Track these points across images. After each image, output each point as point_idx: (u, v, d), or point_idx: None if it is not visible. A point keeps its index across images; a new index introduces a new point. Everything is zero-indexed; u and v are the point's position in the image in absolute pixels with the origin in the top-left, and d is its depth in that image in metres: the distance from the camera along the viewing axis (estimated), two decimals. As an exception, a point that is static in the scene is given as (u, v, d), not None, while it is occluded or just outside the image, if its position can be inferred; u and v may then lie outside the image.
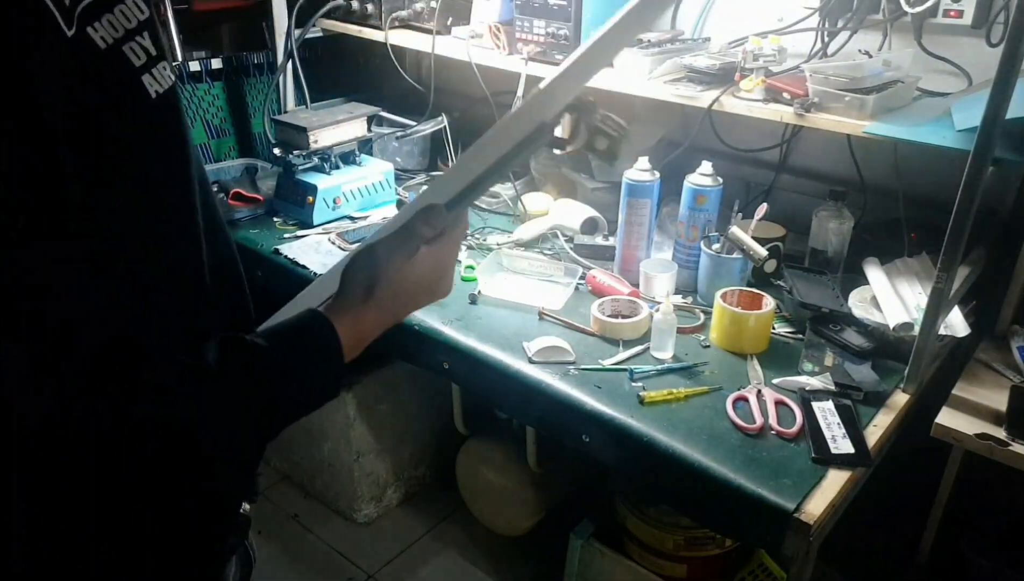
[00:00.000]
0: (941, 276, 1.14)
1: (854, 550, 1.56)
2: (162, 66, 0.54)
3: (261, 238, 1.68)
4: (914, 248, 1.46)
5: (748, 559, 1.56)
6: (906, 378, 1.25)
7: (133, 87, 0.52)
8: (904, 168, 1.53)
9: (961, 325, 1.30)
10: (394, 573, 1.92)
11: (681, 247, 1.56)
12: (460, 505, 2.01)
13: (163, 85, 0.54)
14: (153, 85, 0.53)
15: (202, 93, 2.05)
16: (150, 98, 0.53)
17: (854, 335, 1.27)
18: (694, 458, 1.10)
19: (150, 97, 0.53)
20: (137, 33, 0.52)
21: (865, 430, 1.16)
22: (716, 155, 1.65)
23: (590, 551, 1.59)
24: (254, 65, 2.13)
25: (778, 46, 1.41)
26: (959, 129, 1.17)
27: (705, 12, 1.72)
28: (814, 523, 1.00)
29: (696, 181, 1.49)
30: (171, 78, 0.55)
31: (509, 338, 1.37)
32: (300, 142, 1.78)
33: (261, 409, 0.60)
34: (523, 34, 1.64)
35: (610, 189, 1.77)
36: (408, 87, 1.95)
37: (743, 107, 1.40)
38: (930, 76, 1.43)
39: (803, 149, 1.73)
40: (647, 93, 1.52)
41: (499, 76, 1.75)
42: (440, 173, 2.01)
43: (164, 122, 0.55)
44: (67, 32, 0.47)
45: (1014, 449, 1.17)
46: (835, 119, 1.30)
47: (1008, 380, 1.33)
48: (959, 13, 1.36)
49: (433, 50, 1.79)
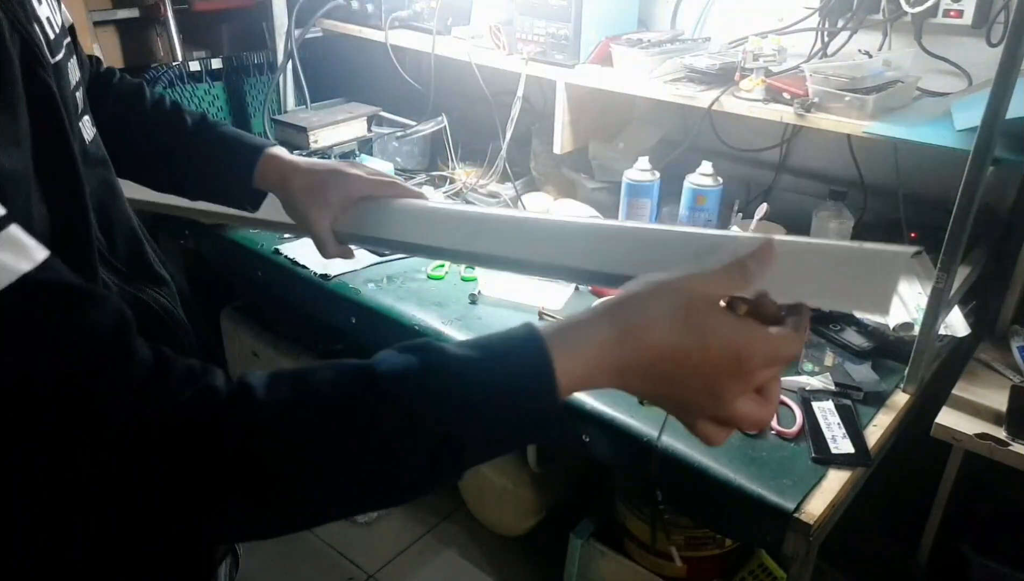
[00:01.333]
0: (941, 276, 1.14)
1: (854, 550, 1.56)
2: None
3: (261, 238, 1.68)
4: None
5: (748, 559, 1.56)
6: (906, 378, 1.25)
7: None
8: (904, 168, 1.53)
9: (961, 325, 1.30)
10: (394, 573, 1.93)
11: (681, 247, 1.56)
12: (460, 505, 2.01)
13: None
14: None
15: (202, 93, 2.05)
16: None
17: (854, 335, 1.27)
18: (694, 458, 1.10)
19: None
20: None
21: (865, 430, 1.16)
22: (716, 155, 1.65)
23: (590, 551, 1.59)
24: (254, 65, 2.13)
25: (778, 46, 1.41)
26: (959, 129, 1.17)
27: (705, 12, 1.72)
28: (814, 523, 1.00)
29: (696, 181, 1.49)
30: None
31: (509, 338, 1.37)
32: (300, 142, 1.78)
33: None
34: (523, 34, 1.64)
35: (610, 189, 1.77)
36: (408, 87, 1.95)
37: (743, 107, 1.40)
38: (930, 76, 1.43)
39: (803, 149, 1.73)
40: (647, 93, 1.52)
41: (499, 76, 1.75)
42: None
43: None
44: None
45: (1014, 449, 1.17)
46: (835, 119, 1.30)
47: (1008, 380, 1.33)
48: (959, 13, 1.36)
49: (433, 50, 1.79)
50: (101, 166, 0.66)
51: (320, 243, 0.88)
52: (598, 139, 1.80)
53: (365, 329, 1.51)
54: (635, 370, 0.52)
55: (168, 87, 1.96)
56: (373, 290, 1.51)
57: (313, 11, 1.98)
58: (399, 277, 1.55)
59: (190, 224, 1.78)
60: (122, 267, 0.65)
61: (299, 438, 0.48)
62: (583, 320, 0.53)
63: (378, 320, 1.47)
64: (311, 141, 1.77)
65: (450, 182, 1.99)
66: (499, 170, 1.89)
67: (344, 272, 1.55)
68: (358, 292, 1.51)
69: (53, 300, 0.44)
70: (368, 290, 1.51)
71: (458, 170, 2.00)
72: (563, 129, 1.69)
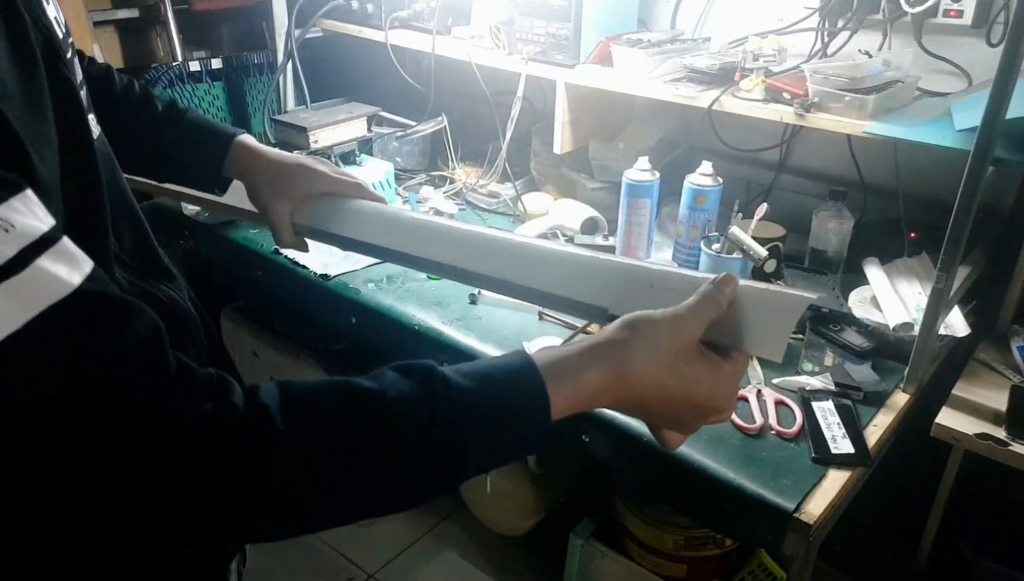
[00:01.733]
0: (941, 276, 1.14)
1: (854, 550, 1.56)
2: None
3: (261, 238, 1.68)
4: (914, 248, 1.46)
5: (748, 559, 1.56)
6: (906, 378, 1.25)
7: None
8: (904, 168, 1.53)
9: (961, 325, 1.30)
10: (394, 573, 1.93)
11: (681, 247, 1.56)
12: (460, 505, 2.01)
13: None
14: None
15: (202, 93, 2.05)
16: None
17: (854, 335, 1.27)
18: (694, 458, 1.10)
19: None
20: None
21: (865, 430, 1.16)
22: (716, 155, 1.65)
23: (590, 551, 1.59)
24: (254, 65, 2.13)
25: (778, 46, 1.41)
26: (959, 129, 1.17)
27: (705, 12, 1.72)
28: (814, 523, 1.00)
29: (696, 181, 1.49)
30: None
31: (509, 338, 1.37)
32: (300, 142, 1.78)
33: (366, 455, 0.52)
34: (523, 34, 1.64)
35: (610, 189, 1.77)
36: (408, 87, 1.95)
37: (743, 107, 1.40)
38: (930, 76, 1.43)
39: (803, 149, 1.73)
40: (647, 93, 1.52)
41: (499, 76, 1.75)
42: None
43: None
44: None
45: (1014, 449, 1.17)
46: (835, 119, 1.30)
47: (1008, 380, 1.33)
48: (959, 13, 1.36)
49: (433, 50, 1.79)
50: (108, 162, 0.67)
51: (277, 232, 0.93)
52: (598, 139, 1.80)
53: (365, 329, 1.51)
54: (621, 404, 0.60)
55: (168, 87, 1.96)
56: (373, 290, 1.51)
57: (313, 11, 1.98)
58: (399, 277, 1.55)
59: (190, 224, 1.78)
60: (132, 262, 0.66)
61: (310, 458, 0.50)
62: (579, 360, 0.58)
63: (378, 320, 1.47)
64: (311, 141, 1.77)
65: (450, 182, 1.99)
66: (499, 170, 1.89)
67: (344, 272, 1.55)
68: (358, 292, 1.51)
69: (100, 312, 0.45)
70: (368, 290, 1.51)
71: (458, 170, 2.00)
72: (563, 129, 1.69)
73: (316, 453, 0.50)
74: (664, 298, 0.64)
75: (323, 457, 0.50)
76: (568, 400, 0.56)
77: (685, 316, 0.60)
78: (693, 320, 0.60)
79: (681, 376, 0.58)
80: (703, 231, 1.50)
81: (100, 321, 0.45)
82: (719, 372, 0.60)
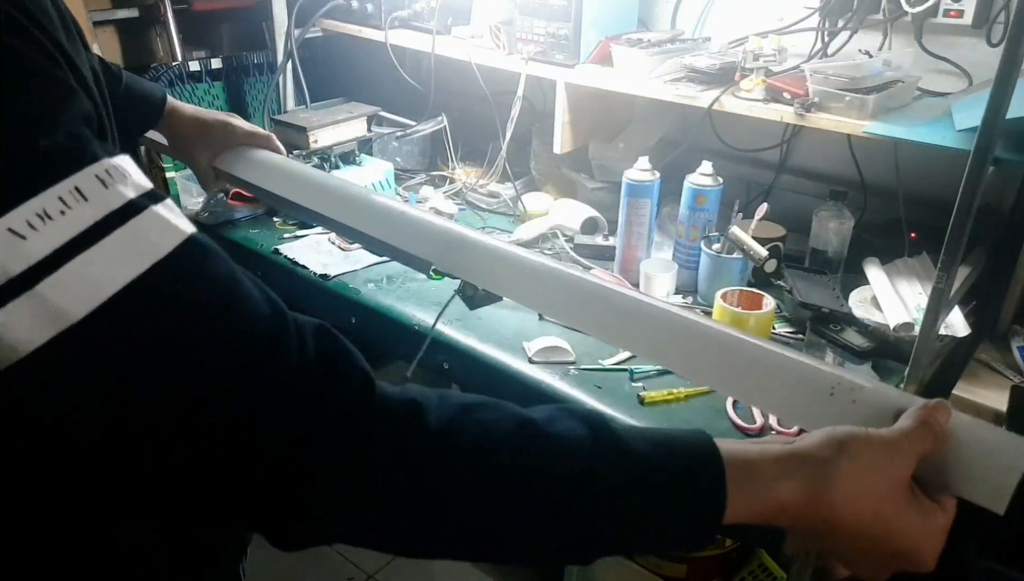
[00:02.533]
0: (941, 276, 1.14)
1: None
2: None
3: (261, 238, 1.68)
4: (914, 248, 1.46)
5: (748, 559, 1.56)
6: (906, 378, 1.25)
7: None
8: (904, 168, 1.53)
9: (961, 325, 1.30)
10: (394, 573, 1.93)
11: (681, 247, 1.56)
12: (460, 505, 2.01)
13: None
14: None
15: (202, 93, 2.05)
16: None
17: (854, 335, 1.27)
18: (694, 458, 1.10)
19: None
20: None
21: (865, 430, 1.16)
22: (716, 155, 1.65)
23: (590, 551, 1.59)
24: (254, 65, 2.13)
25: (778, 46, 1.41)
26: (959, 129, 1.17)
27: (705, 12, 1.72)
28: (814, 523, 0.99)
29: (696, 181, 1.49)
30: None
31: (509, 338, 1.37)
32: (300, 142, 1.78)
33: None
34: (523, 34, 1.64)
35: (610, 189, 1.77)
36: (408, 87, 1.95)
37: (743, 107, 1.40)
38: (930, 76, 1.43)
39: (803, 149, 1.73)
40: (647, 93, 1.52)
41: (499, 76, 1.75)
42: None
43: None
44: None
45: (1014, 449, 1.17)
46: (835, 119, 1.30)
47: (1008, 380, 1.33)
48: (959, 13, 1.36)
49: (433, 50, 1.79)
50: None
51: (202, 177, 1.25)
52: (598, 139, 1.80)
53: (365, 329, 1.51)
54: (807, 531, 0.50)
55: (168, 87, 1.96)
56: (373, 290, 1.51)
57: (313, 11, 1.98)
58: (399, 277, 1.55)
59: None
60: None
61: (464, 471, 0.47)
62: (773, 469, 0.49)
63: (378, 320, 1.47)
64: (311, 141, 1.77)
65: (450, 182, 1.99)
66: (499, 170, 1.89)
67: (344, 272, 1.55)
68: (358, 292, 1.51)
69: (220, 260, 0.47)
70: (368, 290, 1.51)
71: (458, 170, 2.00)
72: (563, 129, 1.69)
73: (472, 461, 0.47)
74: (846, 412, 0.57)
75: (475, 466, 0.47)
76: (749, 510, 0.48)
77: (901, 445, 0.50)
78: (910, 450, 0.50)
79: (888, 520, 0.49)
80: (703, 231, 1.50)
81: (221, 269, 0.47)
82: (931, 522, 0.52)
